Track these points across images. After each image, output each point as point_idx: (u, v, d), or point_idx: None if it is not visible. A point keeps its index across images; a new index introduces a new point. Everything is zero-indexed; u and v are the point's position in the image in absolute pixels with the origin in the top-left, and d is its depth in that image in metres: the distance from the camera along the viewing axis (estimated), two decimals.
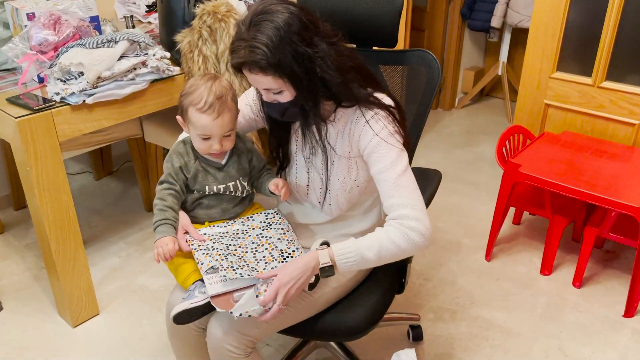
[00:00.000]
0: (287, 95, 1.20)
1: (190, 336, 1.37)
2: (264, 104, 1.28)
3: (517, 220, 2.58)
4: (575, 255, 2.34)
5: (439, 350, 1.87)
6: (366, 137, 1.25)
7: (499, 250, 2.40)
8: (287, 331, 1.37)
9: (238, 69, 1.19)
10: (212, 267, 1.24)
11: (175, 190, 1.33)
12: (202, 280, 1.29)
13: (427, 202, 1.35)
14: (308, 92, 1.19)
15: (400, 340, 1.92)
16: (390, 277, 1.51)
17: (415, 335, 1.89)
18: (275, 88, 1.19)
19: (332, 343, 1.76)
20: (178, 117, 1.34)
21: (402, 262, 1.54)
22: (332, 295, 1.37)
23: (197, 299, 1.24)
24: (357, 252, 1.21)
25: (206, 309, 1.25)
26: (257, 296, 1.18)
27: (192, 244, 1.29)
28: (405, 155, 1.25)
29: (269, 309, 1.18)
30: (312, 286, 1.29)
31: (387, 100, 1.28)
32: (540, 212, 2.25)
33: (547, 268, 2.24)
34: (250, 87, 1.53)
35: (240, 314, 1.16)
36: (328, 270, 1.21)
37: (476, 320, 2.01)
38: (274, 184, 1.36)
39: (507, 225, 2.57)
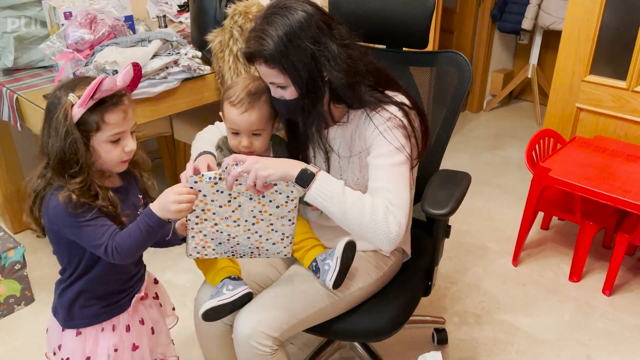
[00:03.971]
0: (291, 92, 1.22)
1: (218, 332, 1.38)
2: (272, 99, 1.29)
3: (545, 225, 2.54)
4: (605, 262, 2.30)
5: (464, 355, 1.86)
6: (369, 132, 1.26)
7: (526, 255, 2.36)
8: (313, 330, 1.38)
9: (250, 60, 1.21)
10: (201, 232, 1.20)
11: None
12: (230, 277, 1.30)
13: (457, 205, 1.34)
14: (307, 91, 1.20)
15: (425, 343, 1.91)
16: (417, 279, 1.51)
17: (440, 338, 1.88)
18: (279, 82, 1.21)
19: (357, 344, 1.76)
20: (221, 113, 1.37)
21: (429, 264, 1.54)
22: (358, 295, 1.37)
23: (225, 296, 1.26)
24: (340, 187, 1.16)
25: (234, 306, 1.27)
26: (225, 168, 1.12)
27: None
28: (403, 155, 1.22)
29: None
30: (337, 284, 1.29)
31: (399, 97, 1.28)
32: (569, 218, 2.21)
33: (576, 274, 2.20)
34: None
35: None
36: (303, 176, 1.13)
37: (501, 325, 1.98)
38: None
39: (535, 230, 2.53)
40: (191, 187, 1.12)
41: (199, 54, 2.00)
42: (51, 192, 1.13)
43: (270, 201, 1.19)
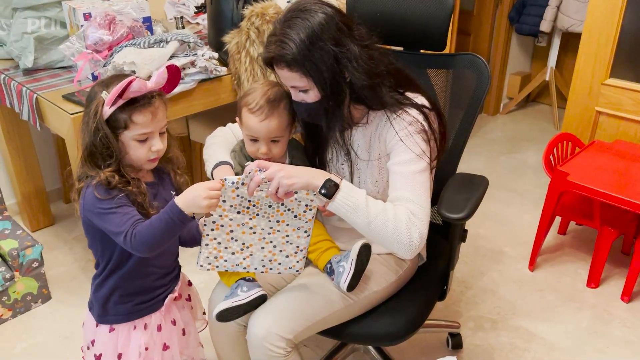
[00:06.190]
0: (313, 95, 1.21)
1: (232, 333, 1.38)
2: (293, 103, 1.29)
3: (562, 230, 2.51)
4: (624, 269, 2.26)
5: None
6: (389, 136, 1.26)
7: (543, 261, 2.33)
8: (327, 333, 1.37)
9: (270, 64, 1.21)
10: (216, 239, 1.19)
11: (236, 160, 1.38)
12: (244, 279, 1.30)
13: (473, 209, 1.33)
14: (331, 93, 1.20)
15: (439, 347, 1.89)
16: (432, 284, 1.50)
17: (455, 343, 1.87)
18: (302, 86, 1.20)
19: (371, 347, 1.75)
20: (237, 119, 1.36)
21: (444, 268, 1.53)
22: (373, 298, 1.37)
23: (239, 298, 1.26)
24: (363, 198, 1.17)
25: (249, 308, 1.27)
26: (248, 174, 1.11)
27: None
28: (424, 162, 1.23)
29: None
30: (351, 287, 1.29)
31: (420, 99, 1.28)
32: (588, 223, 2.18)
33: (594, 281, 2.17)
34: None
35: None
36: (327, 187, 1.14)
37: (517, 331, 1.96)
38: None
39: (552, 235, 2.50)
40: None
41: (216, 55, 2.00)
42: (87, 184, 1.16)
43: (289, 210, 1.18)
